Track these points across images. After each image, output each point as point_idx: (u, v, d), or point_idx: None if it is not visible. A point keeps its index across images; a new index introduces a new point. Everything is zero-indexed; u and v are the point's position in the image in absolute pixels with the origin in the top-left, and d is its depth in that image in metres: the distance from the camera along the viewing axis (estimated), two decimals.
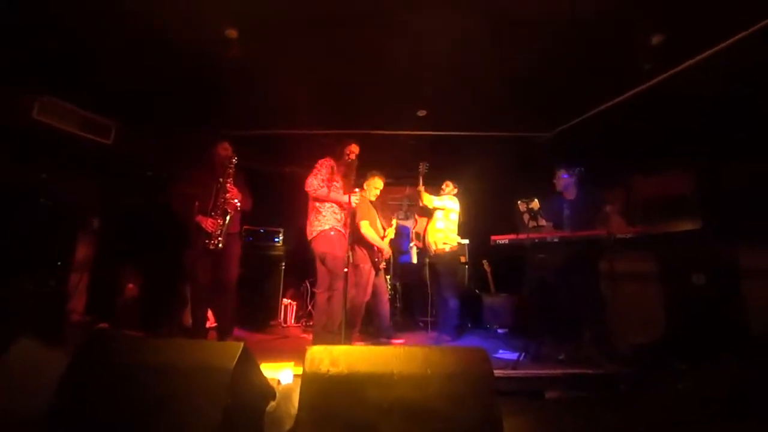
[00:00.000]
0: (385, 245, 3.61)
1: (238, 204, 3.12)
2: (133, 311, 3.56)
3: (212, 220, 3.06)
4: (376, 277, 3.59)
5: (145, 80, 3.31)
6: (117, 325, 3.33)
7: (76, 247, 3.43)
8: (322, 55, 3.00)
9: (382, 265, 3.76)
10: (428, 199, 3.75)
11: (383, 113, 3.95)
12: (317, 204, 3.00)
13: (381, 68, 3.16)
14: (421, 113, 3.95)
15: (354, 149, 3.13)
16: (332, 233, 2.91)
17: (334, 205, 3.02)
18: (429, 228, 3.86)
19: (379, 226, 3.68)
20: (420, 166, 3.79)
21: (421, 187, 3.76)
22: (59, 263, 3.22)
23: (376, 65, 3.12)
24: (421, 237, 3.99)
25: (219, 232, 3.06)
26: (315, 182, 2.95)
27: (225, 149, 3.23)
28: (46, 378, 1.57)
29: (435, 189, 4.01)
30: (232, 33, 2.69)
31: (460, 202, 3.93)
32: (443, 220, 3.81)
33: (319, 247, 2.95)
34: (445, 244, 3.74)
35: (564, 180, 3.29)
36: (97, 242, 3.59)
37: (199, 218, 3.07)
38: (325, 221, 2.95)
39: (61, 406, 1.35)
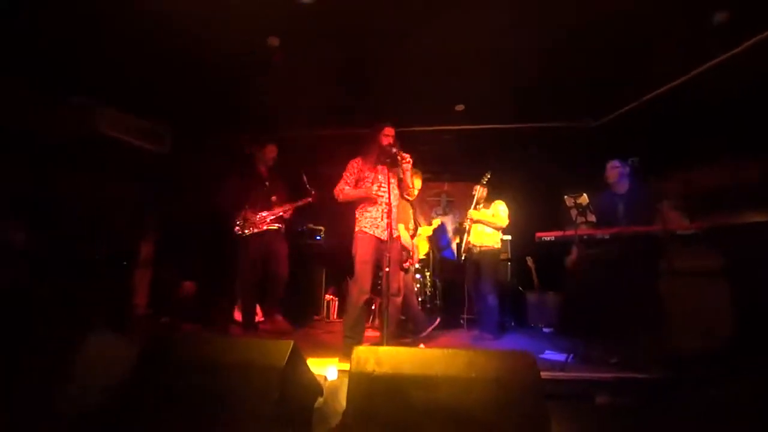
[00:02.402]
0: (412, 245, 3.64)
1: (279, 227, 3.46)
2: (189, 306, 3.83)
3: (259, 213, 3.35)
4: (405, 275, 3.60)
5: (195, 89, 3.52)
6: (176, 320, 3.59)
7: (140, 246, 3.73)
8: (361, 55, 3.04)
9: (407, 264, 3.80)
10: (501, 220, 3.75)
11: (421, 109, 3.93)
12: (356, 208, 2.86)
13: (418, 64, 3.14)
14: (459, 108, 3.89)
15: (388, 131, 2.80)
16: (359, 236, 2.76)
17: (366, 205, 2.80)
18: (474, 231, 3.83)
19: (411, 225, 3.69)
20: (476, 189, 3.81)
21: (473, 211, 3.78)
22: (125, 262, 3.53)
23: (413, 61, 3.11)
24: (465, 237, 3.94)
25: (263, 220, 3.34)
26: (337, 188, 2.81)
27: (271, 151, 3.49)
28: (117, 368, 1.73)
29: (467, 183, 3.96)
30: (274, 41, 2.79)
31: (501, 198, 3.86)
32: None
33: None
34: (489, 245, 3.74)
35: (617, 170, 3.08)
36: (157, 242, 3.89)
37: (248, 213, 3.35)
38: (356, 224, 2.81)
39: (131, 394, 1.49)
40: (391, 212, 2.65)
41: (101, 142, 3.53)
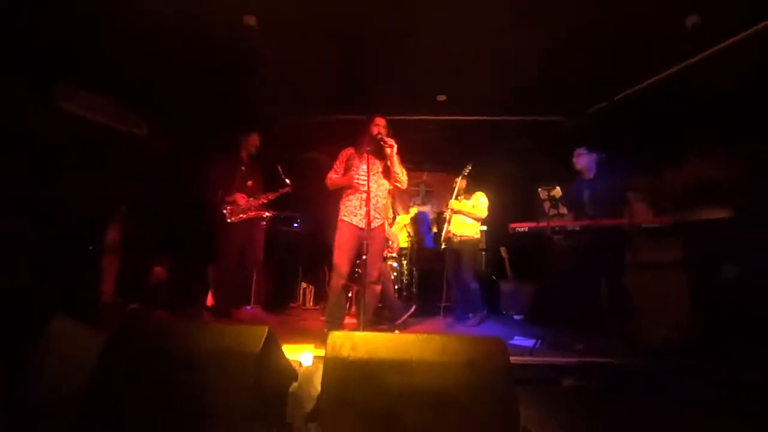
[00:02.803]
0: (392, 234, 3.69)
1: (267, 215, 3.60)
2: (161, 292, 3.72)
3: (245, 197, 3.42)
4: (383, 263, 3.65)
5: (165, 70, 3.37)
6: (147, 306, 3.49)
7: (106, 231, 3.59)
8: (341, 40, 2.98)
9: (386, 252, 3.87)
10: (481, 211, 3.86)
11: (402, 98, 3.91)
12: (340, 197, 2.91)
13: (400, 52, 3.11)
14: (441, 98, 3.90)
15: (379, 121, 2.84)
16: (340, 224, 2.80)
17: (349, 193, 2.84)
18: (455, 221, 3.92)
19: (390, 214, 3.72)
20: (457, 181, 3.90)
21: (454, 202, 3.87)
22: (90, 247, 3.38)
23: (395, 50, 3.08)
24: (445, 227, 4.02)
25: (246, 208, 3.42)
26: (327, 176, 2.87)
27: (255, 140, 3.59)
28: (83, 356, 1.67)
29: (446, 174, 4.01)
30: (250, 20, 2.69)
31: (481, 189, 3.97)
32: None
33: None
34: (469, 236, 3.85)
35: (582, 157, 3.20)
36: (125, 227, 3.74)
37: (236, 196, 3.39)
38: (339, 212, 2.85)
39: (97, 386, 1.43)
40: (370, 200, 2.66)
41: (65, 120, 3.35)
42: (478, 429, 1.27)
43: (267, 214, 3.58)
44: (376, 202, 2.78)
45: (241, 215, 3.37)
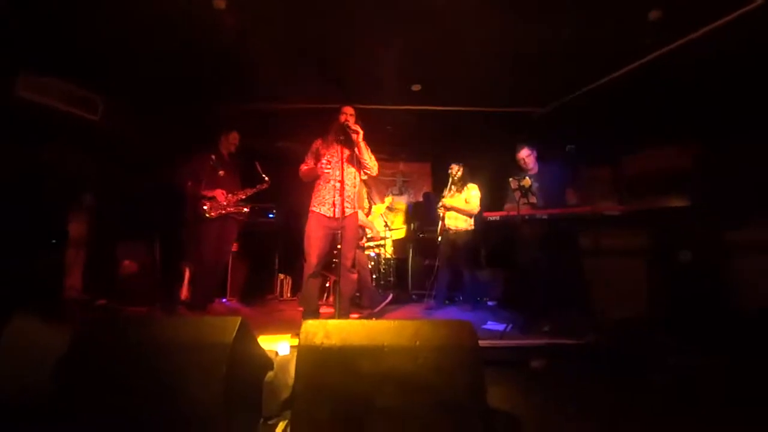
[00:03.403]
0: (369, 223, 3.72)
1: (246, 210, 3.61)
2: (131, 287, 3.61)
3: (224, 193, 3.42)
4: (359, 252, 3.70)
5: (131, 53, 3.22)
6: (115, 302, 3.39)
7: (70, 224, 3.44)
8: (315, 28, 2.94)
9: (363, 241, 3.91)
10: (473, 206, 3.93)
11: (377, 88, 3.89)
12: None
13: (376, 42, 3.10)
14: (415, 88, 3.91)
15: (347, 110, 2.85)
16: (309, 214, 2.80)
17: (320, 183, 2.83)
18: (449, 214, 4.01)
19: (365, 204, 3.74)
20: (451, 169, 3.96)
21: (447, 199, 3.96)
22: (54, 241, 3.24)
23: (370, 39, 3.06)
24: (439, 222, 4.10)
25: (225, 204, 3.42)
26: (300, 168, 2.87)
27: (235, 138, 3.62)
28: (48, 353, 1.62)
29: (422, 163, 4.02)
30: (220, 3, 2.61)
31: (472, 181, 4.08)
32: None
33: None
34: (464, 228, 3.96)
35: (525, 156, 3.40)
36: (91, 219, 3.60)
37: (216, 192, 3.38)
38: (311, 203, 2.85)
39: (65, 382, 1.40)
40: (343, 190, 2.67)
41: (23, 106, 3.16)
42: (448, 409, 1.33)
43: (245, 209, 3.58)
44: (349, 191, 2.79)
45: (221, 211, 3.37)
